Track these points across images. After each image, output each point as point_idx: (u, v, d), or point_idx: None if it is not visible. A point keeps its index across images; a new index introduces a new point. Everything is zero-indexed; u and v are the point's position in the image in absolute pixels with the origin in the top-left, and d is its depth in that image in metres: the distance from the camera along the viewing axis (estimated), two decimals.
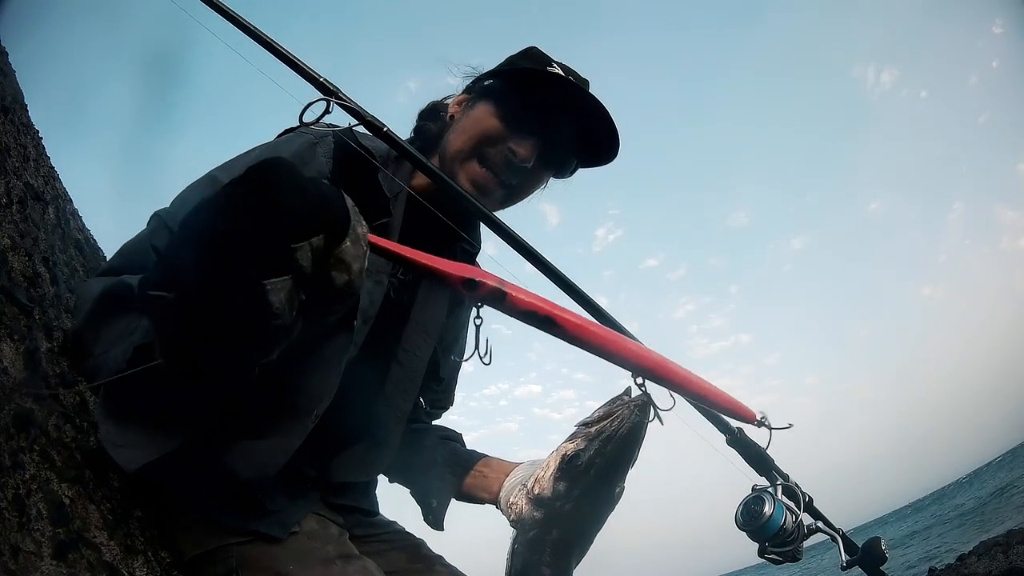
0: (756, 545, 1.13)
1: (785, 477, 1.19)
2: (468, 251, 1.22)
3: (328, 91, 1.12)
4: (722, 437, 1.24)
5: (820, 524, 1.18)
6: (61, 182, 1.32)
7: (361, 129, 0.98)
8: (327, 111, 1.12)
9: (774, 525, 1.10)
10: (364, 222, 0.64)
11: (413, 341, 1.13)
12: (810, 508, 1.17)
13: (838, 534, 1.18)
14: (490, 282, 0.72)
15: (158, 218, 0.96)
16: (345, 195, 0.63)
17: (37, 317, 0.95)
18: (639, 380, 0.85)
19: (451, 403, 1.33)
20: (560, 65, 1.07)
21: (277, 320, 0.60)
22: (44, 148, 1.30)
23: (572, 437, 0.98)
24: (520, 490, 1.01)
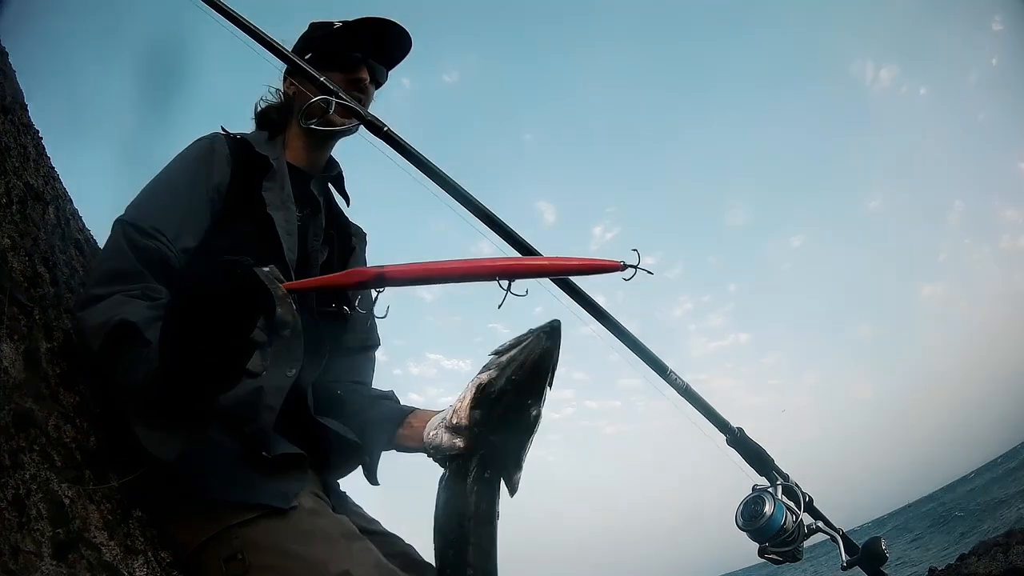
0: (756, 545, 1.13)
1: (785, 477, 1.19)
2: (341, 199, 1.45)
3: (328, 91, 1.14)
4: (722, 437, 1.24)
5: (820, 524, 1.18)
6: (61, 182, 1.32)
7: None
8: (328, 110, 1.14)
9: (774, 525, 1.10)
10: (277, 282, 0.85)
11: (312, 251, 1.31)
12: (810, 508, 1.17)
13: (838, 534, 1.18)
14: (371, 272, 0.89)
15: (120, 222, 1.09)
16: (257, 270, 0.84)
17: (37, 317, 0.95)
18: (504, 283, 0.93)
19: (376, 341, 1.46)
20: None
21: (260, 373, 0.87)
22: (44, 148, 1.30)
23: (486, 368, 1.02)
24: (440, 424, 1.06)
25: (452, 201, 1.17)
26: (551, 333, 0.98)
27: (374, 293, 0.94)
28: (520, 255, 1.15)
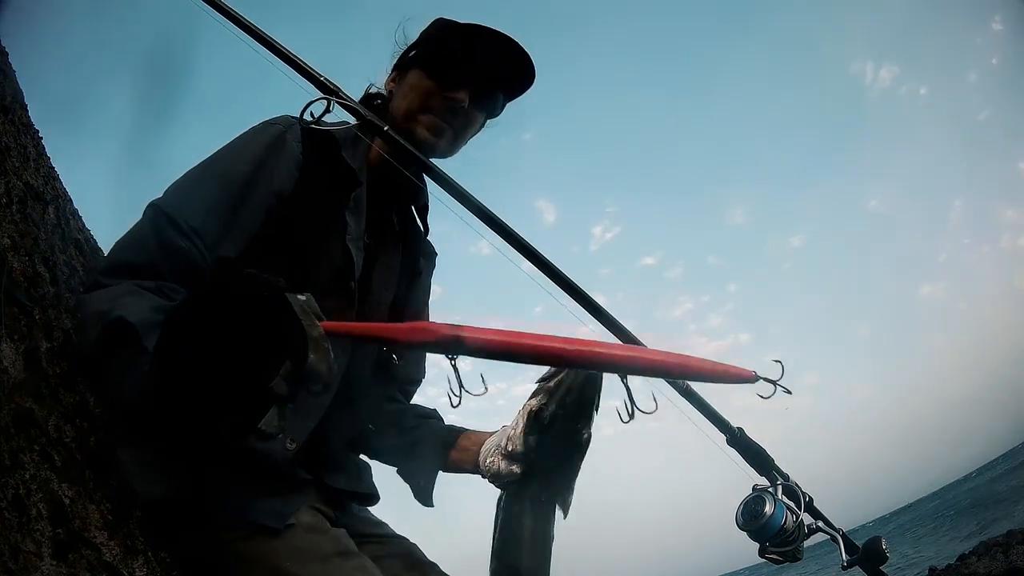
0: (756, 545, 1.13)
1: (785, 477, 1.19)
2: (422, 214, 1.32)
3: (329, 90, 1.13)
4: (722, 436, 1.24)
5: (821, 524, 1.18)
6: (61, 182, 1.32)
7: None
8: (327, 110, 1.13)
9: (775, 525, 1.10)
10: (315, 319, 0.67)
11: (377, 295, 1.20)
12: (810, 508, 1.17)
13: (838, 534, 1.18)
14: (443, 332, 0.70)
15: (155, 208, 1.00)
16: (290, 296, 0.66)
17: (37, 317, 0.95)
18: (626, 380, 0.82)
19: (422, 375, 1.38)
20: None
21: (275, 436, 0.68)
22: (44, 148, 1.29)
23: (535, 393, 1.04)
24: (496, 451, 1.08)
25: (453, 201, 1.16)
26: None
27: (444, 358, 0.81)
28: (519, 251, 1.13)
